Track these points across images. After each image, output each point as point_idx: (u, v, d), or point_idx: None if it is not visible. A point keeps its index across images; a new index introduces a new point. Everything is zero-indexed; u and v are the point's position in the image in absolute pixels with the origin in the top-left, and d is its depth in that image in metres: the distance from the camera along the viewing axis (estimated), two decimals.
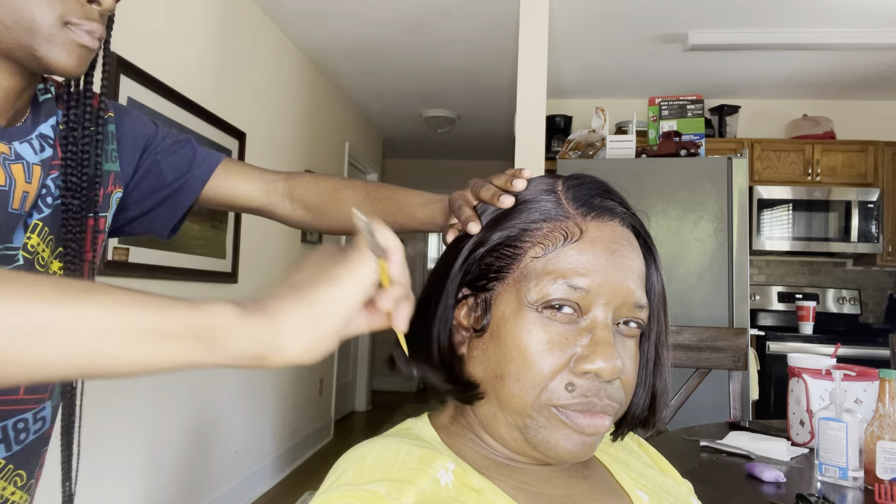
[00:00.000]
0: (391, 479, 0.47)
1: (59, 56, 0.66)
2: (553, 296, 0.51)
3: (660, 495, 0.59)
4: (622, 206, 0.57)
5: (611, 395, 0.51)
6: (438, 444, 0.54)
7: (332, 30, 3.31)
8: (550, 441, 0.51)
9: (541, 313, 0.51)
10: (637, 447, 0.67)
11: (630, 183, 2.55)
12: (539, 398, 0.50)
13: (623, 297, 0.52)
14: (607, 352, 0.49)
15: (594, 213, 0.54)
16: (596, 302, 0.51)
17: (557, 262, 0.52)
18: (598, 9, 2.95)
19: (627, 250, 0.53)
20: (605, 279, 0.51)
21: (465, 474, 0.50)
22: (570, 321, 0.51)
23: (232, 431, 2.94)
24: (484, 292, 0.55)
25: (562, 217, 0.54)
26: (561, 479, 0.55)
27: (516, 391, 0.51)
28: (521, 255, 0.54)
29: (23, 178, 0.69)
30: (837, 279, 4.04)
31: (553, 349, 0.51)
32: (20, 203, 0.69)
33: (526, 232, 0.54)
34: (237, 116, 2.90)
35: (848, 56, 3.39)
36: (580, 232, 0.53)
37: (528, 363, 0.51)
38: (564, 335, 0.51)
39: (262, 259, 3.22)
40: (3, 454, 0.70)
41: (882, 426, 1.08)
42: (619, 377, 0.51)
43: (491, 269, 0.55)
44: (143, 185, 0.87)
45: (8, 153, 0.69)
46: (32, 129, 0.73)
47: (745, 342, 1.85)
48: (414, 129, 5.28)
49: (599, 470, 0.59)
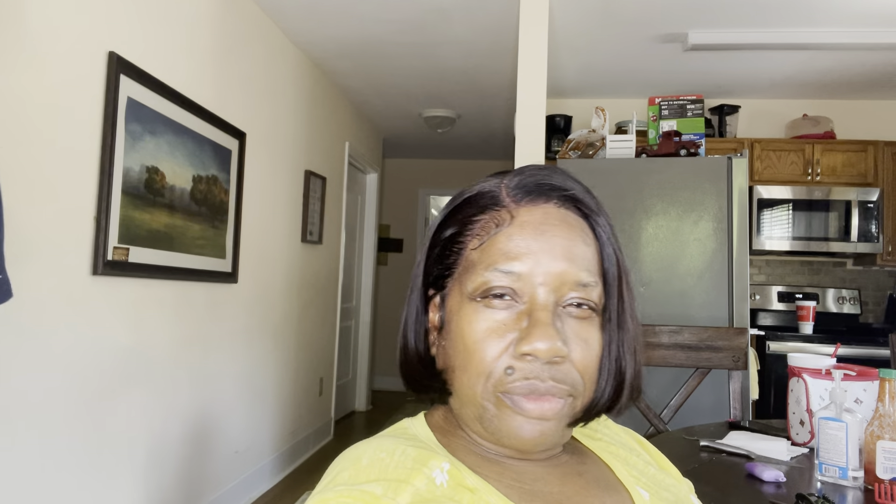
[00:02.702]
0: (387, 480, 0.47)
1: None
2: (487, 284, 0.52)
3: (660, 493, 0.58)
4: (562, 187, 0.55)
5: (556, 377, 0.50)
6: (434, 444, 0.54)
7: (332, 30, 3.31)
8: (503, 429, 0.51)
9: (479, 302, 0.52)
10: (638, 445, 0.67)
11: (630, 183, 2.55)
12: (486, 386, 0.51)
13: (559, 277, 0.51)
14: (541, 331, 0.49)
15: (527, 197, 0.54)
16: (531, 284, 0.51)
17: (490, 250, 0.53)
18: (598, 9, 2.95)
19: (561, 230, 0.53)
20: (537, 260, 0.51)
21: (460, 474, 0.50)
22: (509, 307, 0.52)
23: (232, 431, 2.94)
24: (442, 290, 0.57)
25: (496, 207, 0.55)
26: (555, 476, 0.55)
27: (465, 381, 0.52)
28: (464, 248, 0.55)
29: None
30: (837, 279, 4.04)
31: (492, 336, 0.51)
32: None
33: (466, 226, 0.56)
34: (237, 116, 2.90)
35: (848, 56, 3.40)
36: (511, 218, 0.53)
37: (470, 353, 0.52)
38: (503, 321, 0.51)
39: (262, 259, 3.22)
40: None
41: (882, 426, 1.08)
42: (562, 358, 0.50)
43: (444, 266, 0.56)
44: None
45: None
46: None
47: (745, 342, 1.85)
48: (414, 128, 5.28)
49: (598, 466, 0.59)
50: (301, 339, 3.79)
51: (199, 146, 2.56)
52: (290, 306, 3.59)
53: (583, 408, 0.53)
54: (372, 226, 5.45)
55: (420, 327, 0.59)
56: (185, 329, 2.55)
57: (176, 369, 2.48)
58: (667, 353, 1.89)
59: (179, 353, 2.50)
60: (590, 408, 0.54)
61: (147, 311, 2.27)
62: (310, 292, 3.91)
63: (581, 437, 0.63)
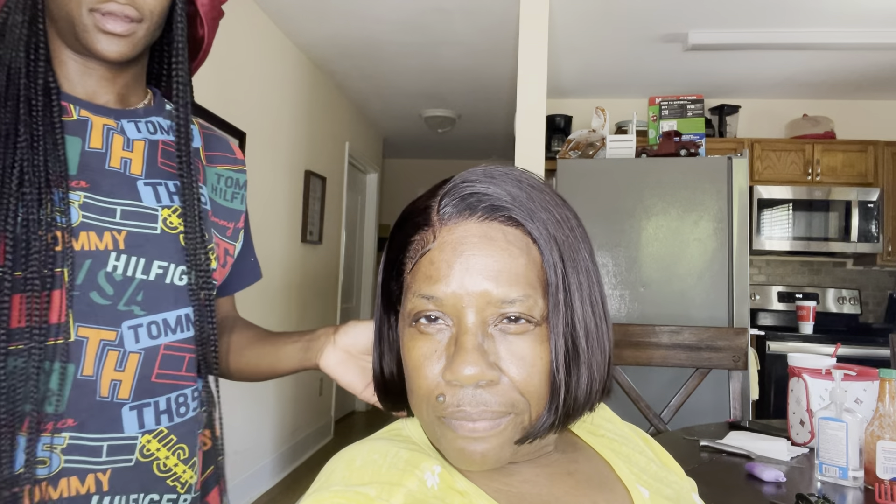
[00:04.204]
0: (380, 482, 0.48)
1: (92, 42, 0.72)
2: (415, 309, 0.51)
3: (662, 491, 0.58)
4: (488, 196, 0.52)
5: (487, 402, 0.48)
6: (426, 446, 0.54)
7: (332, 30, 3.31)
8: (448, 451, 0.50)
9: (414, 328, 0.52)
10: (642, 442, 0.67)
11: (630, 183, 2.56)
12: (428, 411, 0.51)
13: (482, 297, 0.49)
14: (463, 358, 0.48)
15: (452, 213, 0.52)
16: (456, 308, 0.50)
17: (416, 275, 0.52)
18: (598, 9, 2.95)
19: (480, 247, 0.50)
20: (459, 282, 0.49)
21: (451, 477, 0.50)
22: (440, 331, 0.51)
23: (232, 431, 2.94)
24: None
25: (426, 227, 0.53)
26: (543, 478, 0.54)
27: (414, 405, 0.53)
28: (404, 271, 0.54)
29: (120, 146, 0.77)
30: (837, 279, 4.04)
31: (426, 362, 0.50)
32: (122, 166, 0.77)
33: (403, 248, 0.54)
34: (237, 116, 2.90)
35: (848, 56, 3.40)
36: (433, 239, 0.52)
37: (412, 379, 0.52)
38: (434, 347, 0.51)
39: (262, 259, 3.21)
40: (166, 423, 0.77)
41: (882, 426, 1.08)
42: (491, 381, 0.48)
43: (398, 285, 0.56)
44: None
45: (114, 126, 0.78)
46: (145, 116, 0.82)
47: (745, 342, 1.85)
48: (414, 128, 5.28)
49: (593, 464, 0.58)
50: None
51: None
52: (290, 306, 3.59)
53: (532, 423, 0.51)
54: (372, 226, 5.46)
55: (388, 346, 0.59)
56: None
57: None
58: (667, 353, 1.89)
59: None
60: (539, 423, 0.51)
61: None
62: (310, 292, 3.91)
63: (583, 433, 0.62)
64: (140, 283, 0.75)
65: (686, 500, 0.60)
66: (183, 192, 0.79)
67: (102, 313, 0.72)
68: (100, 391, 0.72)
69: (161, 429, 0.76)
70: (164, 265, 0.77)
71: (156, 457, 0.75)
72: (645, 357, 1.89)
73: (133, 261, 0.74)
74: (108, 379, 0.72)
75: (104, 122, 0.77)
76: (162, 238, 0.77)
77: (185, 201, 0.79)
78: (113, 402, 0.72)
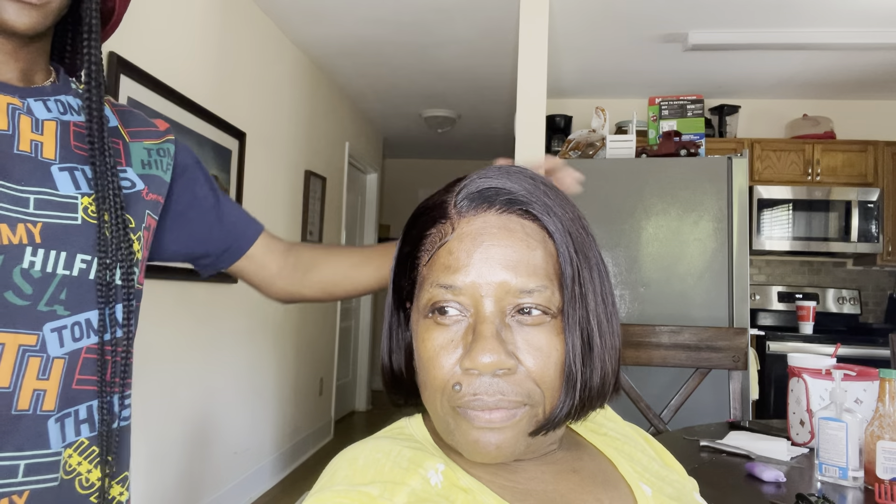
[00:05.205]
0: (383, 481, 0.48)
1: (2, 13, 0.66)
2: (433, 299, 0.52)
3: (663, 489, 0.59)
4: (504, 190, 0.53)
5: (504, 391, 0.49)
6: (429, 444, 0.55)
7: (332, 30, 3.31)
8: (462, 443, 0.50)
9: (430, 319, 0.52)
10: (643, 441, 0.67)
11: (630, 183, 2.56)
12: (443, 402, 0.51)
13: (500, 287, 0.50)
14: (482, 345, 0.48)
15: (470, 206, 0.53)
16: (475, 297, 0.50)
17: (434, 266, 0.52)
18: (598, 9, 2.95)
19: (499, 238, 0.51)
20: (478, 272, 0.50)
21: (454, 474, 0.50)
22: (457, 322, 0.51)
23: (232, 431, 2.94)
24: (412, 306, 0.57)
25: (443, 220, 0.54)
26: (549, 475, 0.55)
27: (427, 397, 0.53)
28: (418, 264, 0.55)
29: (29, 128, 0.70)
30: (837, 279, 4.04)
31: (442, 352, 0.51)
32: (33, 149, 0.69)
33: (419, 241, 0.55)
34: (237, 116, 2.90)
35: (848, 56, 3.40)
36: (451, 230, 0.53)
37: (426, 370, 0.52)
38: (452, 337, 0.51)
39: None
40: (87, 433, 0.70)
41: (882, 426, 1.08)
42: (508, 370, 0.49)
43: (409, 281, 0.56)
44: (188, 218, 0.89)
45: (20, 105, 0.70)
46: (53, 94, 0.74)
47: (745, 342, 1.85)
48: (414, 128, 5.28)
49: (597, 462, 0.59)
50: (301, 339, 3.79)
51: (199, 146, 2.56)
52: (289, 306, 3.59)
53: (546, 416, 0.51)
54: (372, 226, 5.45)
55: (397, 343, 0.59)
56: (185, 329, 2.55)
57: (176, 369, 2.48)
58: (667, 353, 1.89)
59: (179, 353, 2.50)
60: (553, 415, 0.52)
61: (147, 310, 2.27)
62: None
63: (585, 431, 0.63)
64: (62, 279, 0.67)
65: (688, 498, 0.60)
66: (96, 180, 0.71)
67: (20, 315, 0.64)
68: (17, 404, 0.64)
69: (81, 440, 0.69)
70: (88, 259, 0.69)
71: (77, 472, 0.69)
72: (645, 357, 1.89)
73: (52, 255, 0.66)
74: (30, 389, 0.65)
75: (8, 100, 0.69)
76: (84, 228, 0.69)
77: (100, 188, 0.71)
78: (36, 414, 0.65)
